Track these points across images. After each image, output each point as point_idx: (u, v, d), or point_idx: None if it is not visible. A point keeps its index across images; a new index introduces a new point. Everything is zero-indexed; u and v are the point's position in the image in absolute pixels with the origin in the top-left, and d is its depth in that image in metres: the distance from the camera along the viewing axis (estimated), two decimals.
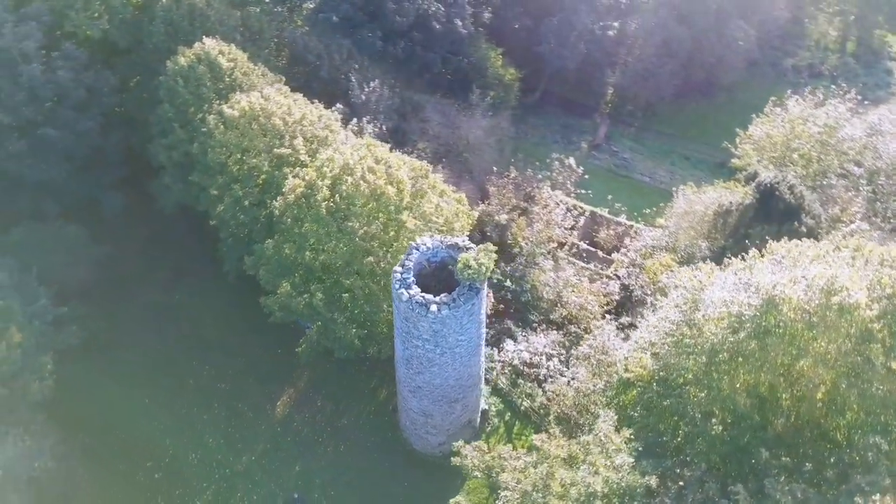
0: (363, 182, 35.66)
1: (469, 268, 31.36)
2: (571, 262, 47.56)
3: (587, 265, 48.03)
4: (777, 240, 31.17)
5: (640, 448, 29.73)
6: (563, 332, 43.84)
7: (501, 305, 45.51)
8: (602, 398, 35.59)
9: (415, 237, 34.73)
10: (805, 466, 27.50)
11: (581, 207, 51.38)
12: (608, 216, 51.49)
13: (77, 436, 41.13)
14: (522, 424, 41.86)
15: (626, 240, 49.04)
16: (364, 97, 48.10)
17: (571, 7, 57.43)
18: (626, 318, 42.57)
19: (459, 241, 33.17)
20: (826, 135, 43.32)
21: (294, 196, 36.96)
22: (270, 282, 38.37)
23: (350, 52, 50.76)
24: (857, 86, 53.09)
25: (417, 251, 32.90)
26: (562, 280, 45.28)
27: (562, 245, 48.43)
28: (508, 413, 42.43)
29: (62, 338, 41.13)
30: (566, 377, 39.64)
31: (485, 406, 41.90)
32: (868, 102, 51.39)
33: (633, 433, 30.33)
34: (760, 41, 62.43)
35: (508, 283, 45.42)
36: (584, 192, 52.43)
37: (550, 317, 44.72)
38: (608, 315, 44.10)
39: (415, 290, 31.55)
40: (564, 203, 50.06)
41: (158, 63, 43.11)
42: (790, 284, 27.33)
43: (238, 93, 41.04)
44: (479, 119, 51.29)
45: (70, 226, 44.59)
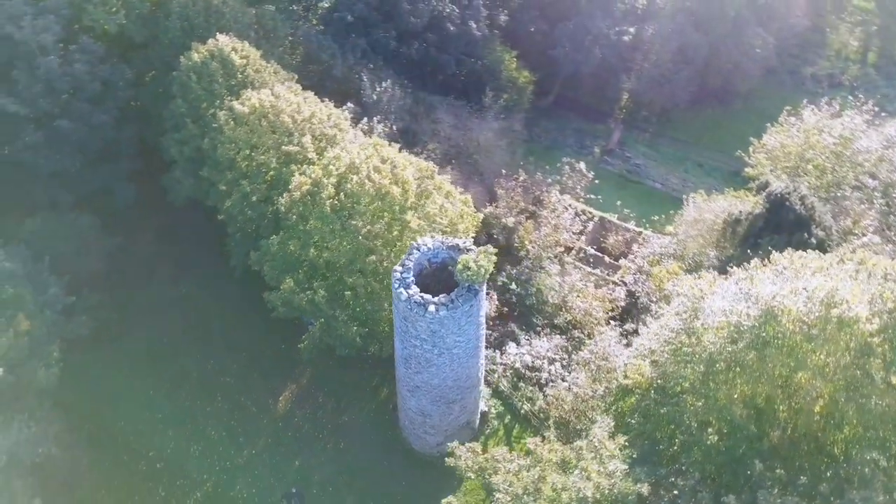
0: (368, 181, 35.85)
1: (468, 269, 31.41)
2: (578, 267, 47.42)
3: (594, 270, 47.84)
4: (786, 250, 30.80)
5: (635, 455, 29.61)
6: (567, 337, 43.73)
7: (506, 308, 45.49)
8: (601, 404, 35.49)
9: (418, 237, 34.81)
10: (800, 480, 27.17)
11: (590, 212, 51.28)
12: (617, 222, 51.28)
13: (82, 424, 41.86)
14: (522, 428, 41.79)
15: (635, 246, 48.76)
16: (375, 97, 48.28)
17: (587, 12, 57.33)
18: (631, 325, 42.36)
19: (460, 243, 33.19)
20: (841, 146, 42.67)
21: (300, 193, 37.23)
22: (274, 277, 38.66)
23: (364, 52, 51.02)
24: (876, 97, 52.21)
25: (418, 251, 32.99)
26: (567, 285, 45.19)
27: (569, 250, 48.30)
28: (508, 416, 42.40)
29: (71, 327, 41.67)
30: (567, 382, 39.51)
31: (484, 408, 41.87)
32: (886, 114, 50.51)
33: (629, 440, 30.21)
34: (779, 49, 61.69)
35: (514, 286, 45.39)
36: (595, 198, 52.35)
37: (554, 321, 44.63)
38: (613, 321, 43.90)
39: (414, 290, 31.64)
40: (573, 207, 49.96)
41: (174, 58, 43.66)
42: (790, 295, 27.07)
43: (249, 90, 41.44)
44: (491, 121, 51.26)
45: (84, 216, 45.16)
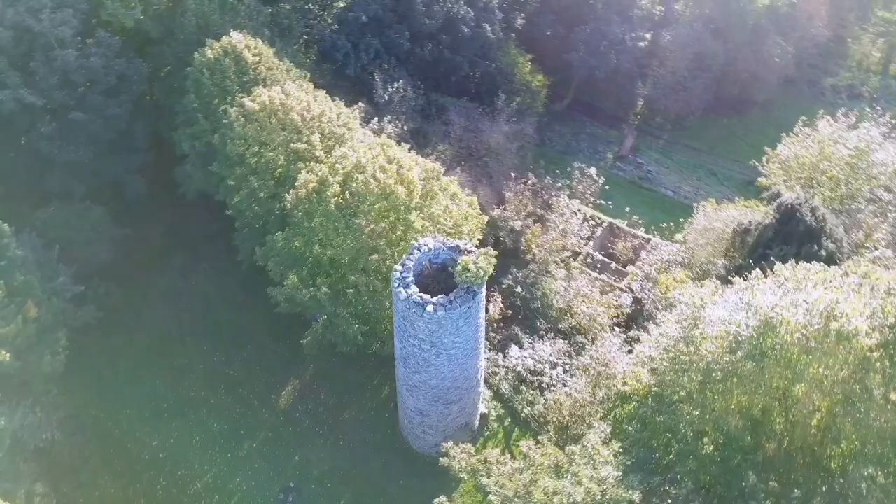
0: (373, 180, 35.97)
1: (468, 271, 31.42)
2: (585, 273, 47.23)
3: (601, 276, 47.63)
4: (795, 262, 30.43)
5: (629, 462, 29.48)
6: (570, 342, 43.55)
7: (510, 311, 45.42)
8: (600, 410, 35.34)
9: (421, 238, 34.87)
10: (794, 493, 26.95)
11: (599, 218, 51.04)
12: (626, 228, 51.03)
13: (87, 411, 42.58)
14: (522, 431, 41.74)
15: (643, 253, 48.50)
16: (387, 97, 48.43)
17: (604, 17, 57.09)
18: (635, 332, 42.08)
19: (461, 244, 33.18)
20: (856, 158, 42.16)
21: (306, 191, 37.45)
22: (279, 273, 38.92)
23: (378, 52, 51.19)
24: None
25: (419, 251, 33.04)
26: (573, 289, 45.02)
27: (576, 255, 48.14)
28: (508, 419, 42.38)
29: (79, 315, 42.33)
30: (567, 387, 39.36)
31: (485, 410, 41.84)
32: None
33: (625, 447, 30.11)
34: (798, 59, 61.16)
35: (519, 290, 45.30)
36: (605, 203, 52.17)
37: (559, 326, 44.46)
38: (618, 328, 43.67)
39: (413, 290, 31.70)
40: (582, 212, 49.77)
41: (188, 54, 44.00)
42: (790, 307, 26.82)
43: (261, 87, 41.79)
44: (503, 124, 51.22)
45: (95, 207, 45.85)
